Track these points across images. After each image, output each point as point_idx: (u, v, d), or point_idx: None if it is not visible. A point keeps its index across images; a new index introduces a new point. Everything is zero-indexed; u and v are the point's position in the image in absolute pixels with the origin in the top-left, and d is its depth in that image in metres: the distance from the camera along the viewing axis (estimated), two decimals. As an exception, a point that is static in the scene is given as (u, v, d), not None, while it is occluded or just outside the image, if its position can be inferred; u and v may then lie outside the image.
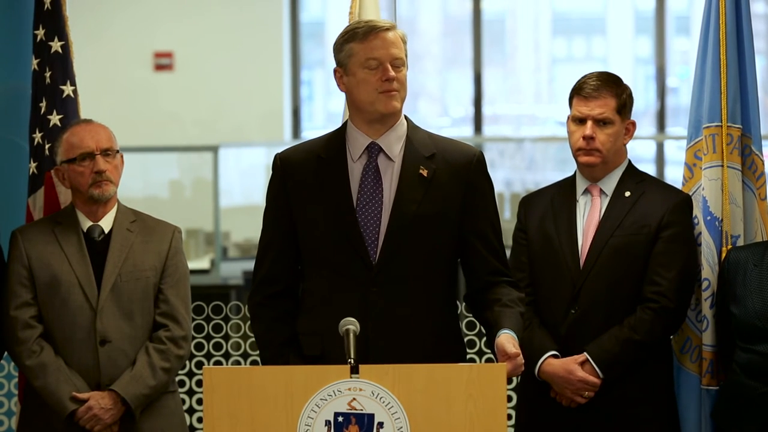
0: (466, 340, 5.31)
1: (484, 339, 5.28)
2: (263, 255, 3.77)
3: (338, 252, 3.64)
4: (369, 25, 3.65)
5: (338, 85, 3.71)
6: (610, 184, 4.20)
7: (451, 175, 3.68)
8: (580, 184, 4.23)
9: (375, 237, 3.63)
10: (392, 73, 3.61)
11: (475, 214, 3.70)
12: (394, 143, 3.68)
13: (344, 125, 3.76)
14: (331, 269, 3.66)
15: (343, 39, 3.67)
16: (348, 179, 3.67)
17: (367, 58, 3.62)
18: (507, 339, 3.47)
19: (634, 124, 4.22)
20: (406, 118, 3.74)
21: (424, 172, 3.66)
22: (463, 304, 5.23)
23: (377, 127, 3.68)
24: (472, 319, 5.31)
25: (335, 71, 3.71)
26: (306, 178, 3.69)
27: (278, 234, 3.74)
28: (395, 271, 3.62)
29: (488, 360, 5.37)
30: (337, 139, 3.73)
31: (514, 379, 4.56)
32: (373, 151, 3.68)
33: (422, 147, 3.69)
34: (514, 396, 5.37)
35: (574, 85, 4.20)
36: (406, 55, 3.68)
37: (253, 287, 3.78)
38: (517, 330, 3.55)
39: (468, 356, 5.35)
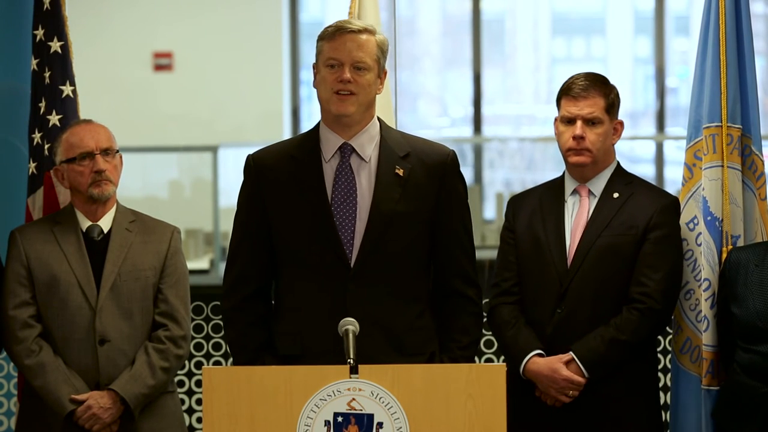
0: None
1: (484, 339, 5.28)
2: (234, 256, 3.76)
3: (315, 251, 3.66)
4: (337, 25, 3.67)
5: (313, 82, 3.73)
6: (598, 184, 4.20)
7: (426, 173, 3.70)
8: (569, 185, 4.23)
9: (351, 236, 3.65)
10: (347, 75, 3.61)
11: (449, 214, 3.73)
12: (367, 144, 3.70)
13: (317, 126, 3.77)
14: (308, 268, 3.67)
15: (319, 36, 3.70)
16: (323, 179, 3.67)
17: (329, 57, 3.65)
18: None
19: (622, 123, 4.23)
20: (378, 119, 3.75)
21: (400, 171, 3.68)
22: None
23: (341, 128, 3.68)
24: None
25: (312, 67, 3.73)
26: (280, 179, 3.70)
27: (250, 235, 3.74)
28: (372, 269, 3.64)
29: (487, 360, 5.37)
30: (309, 139, 3.74)
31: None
32: (346, 151, 3.70)
33: (397, 147, 3.71)
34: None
35: (562, 87, 4.22)
36: (379, 60, 3.65)
37: (226, 290, 3.76)
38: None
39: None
